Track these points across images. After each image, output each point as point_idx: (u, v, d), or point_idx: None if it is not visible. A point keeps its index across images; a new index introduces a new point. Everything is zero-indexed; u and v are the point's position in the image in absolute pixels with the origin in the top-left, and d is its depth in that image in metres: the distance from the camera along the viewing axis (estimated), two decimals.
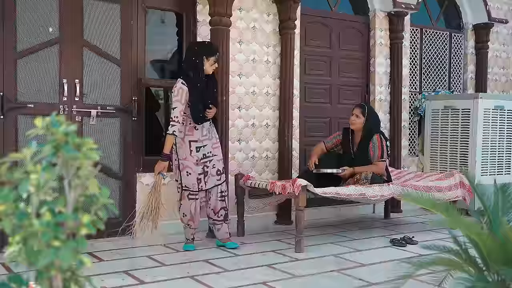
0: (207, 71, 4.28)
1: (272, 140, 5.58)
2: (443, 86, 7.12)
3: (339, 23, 6.18)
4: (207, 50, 4.29)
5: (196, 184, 4.30)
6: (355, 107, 5.09)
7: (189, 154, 4.28)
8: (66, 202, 1.36)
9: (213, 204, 4.41)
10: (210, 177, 4.35)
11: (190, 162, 4.28)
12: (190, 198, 4.32)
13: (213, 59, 4.27)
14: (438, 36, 7.04)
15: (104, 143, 4.66)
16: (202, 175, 4.31)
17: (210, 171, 4.34)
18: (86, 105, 4.57)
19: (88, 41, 4.58)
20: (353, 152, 5.06)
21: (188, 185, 4.30)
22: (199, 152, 4.30)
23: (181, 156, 4.29)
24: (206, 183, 4.34)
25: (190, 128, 4.29)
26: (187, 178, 4.29)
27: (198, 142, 4.30)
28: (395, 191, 4.76)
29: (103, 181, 4.65)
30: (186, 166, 4.29)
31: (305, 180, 4.30)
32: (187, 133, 4.29)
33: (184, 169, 4.29)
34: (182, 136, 4.27)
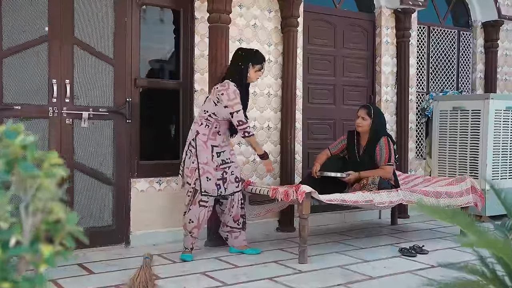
0: (251, 78, 4.23)
1: (274, 143, 5.33)
2: (451, 86, 6.86)
3: (344, 20, 5.93)
4: (253, 57, 4.23)
5: (216, 189, 4.12)
6: (361, 109, 4.84)
7: (211, 159, 4.12)
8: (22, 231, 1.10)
9: (235, 211, 4.28)
10: (229, 183, 4.20)
11: (210, 167, 4.11)
12: (201, 204, 4.11)
13: (258, 67, 4.21)
14: (446, 34, 6.78)
15: (96, 147, 4.41)
16: (221, 181, 4.15)
17: (229, 177, 4.20)
18: (77, 107, 4.32)
19: (79, 39, 4.33)
20: (359, 155, 4.81)
21: (208, 190, 4.11)
22: (219, 158, 4.16)
23: (202, 160, 4.10)
24: (225, 189, 4.18)
25: (214, 133, 4.15)
26: (208, 183, 4.10)
27: (219, 147, 4.17)
28: (403, 197, 4.51)
29: (95, 187, 4.41)
30: (207, 171, 4.10)
31: (309, 187, 4.05)
32: (210, 137, 4.14)
33: (205, 174, 4.10)
34: (205, 140, 4.11)
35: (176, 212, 4.73)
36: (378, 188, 4.47)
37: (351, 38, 5.98)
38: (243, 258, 4.16)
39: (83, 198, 4.35)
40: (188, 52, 4.86)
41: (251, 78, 4.22)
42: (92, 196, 4.40)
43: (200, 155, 4.11)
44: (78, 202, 4.33)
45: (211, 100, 4.15)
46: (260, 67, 4.21)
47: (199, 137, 4.13)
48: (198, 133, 4.15)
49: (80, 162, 4.34)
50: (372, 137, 4.73)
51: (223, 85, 4.11)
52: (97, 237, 4.38)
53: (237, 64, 4.20)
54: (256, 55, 4.25)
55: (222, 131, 4.18)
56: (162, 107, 5.00)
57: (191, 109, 4.86)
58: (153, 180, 4.66)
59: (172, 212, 4.73)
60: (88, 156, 4.37)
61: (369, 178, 4.53)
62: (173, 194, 4.74)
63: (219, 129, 4.16)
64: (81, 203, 4.34)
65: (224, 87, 4.09)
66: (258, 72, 4.22)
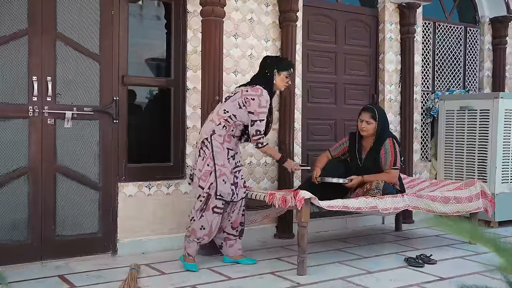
0: (278, 86, 4.05)
1: (272, 144, 5.03)
2: (457, 85, 6.56)
3: (345, 15, 5.63)
4: (279, 63, 4.06)
5: (230, 193, 3.88)
6: (363, 112, 4.51)
7: (227, 162, 3.88)
8: None
9: (234, 217, 4.02)
10: (240, 188, 3.97)
11: (227, 170, 3.87)
12: (215, 211, 3.84)
13: (285, 73, 4.02)
14: (452, 30, 6.48)
15: (81, 149, 4.12)
16: (233, 186, 3.91)
17: (239, 182, 3.98)
18: (59, 106, 4.03)
19: (62, 33, 4.03)
20: (362, 158, 4.51)
21: (223, 194, 3.84)
22: (234, 161, 3.95)
23: (219, 162, 3.85)
24: (237, 195, 3.94)
25: (229, 135, 3.92)
26: (224, 186, 3.84)
27: (233, 150, 3.97)
28: (409, 203, 4.22)
29: (79, 192, 4.11)
30: (223, 174, 3.85)
31: (308, 192, 3.75)
32: (226, 139, 3.90)
33: (221, 176, 3.84)
34: (221, 141, 3.87)
35: (167, 218, 4.45)
36: (382, 194, 4.18)
37: (353, 34, 5.68)
38: (237, 269, 3.87)
39: (66, 203, 4.06)
40: (180, 48, 4.57)
41: (278, 85, 4.03)
42: (76, 202, 4.10)
43: (217, 157, 3.84)
44: (61, 208, 4.04)
45: (235, 101, 3.90)
46: (287, 73, 4.03)
47: (214, 137, 3.86)
48: (214, 133, 3.87)
49: (63, 166, 4.05)
50: (377, 140, 4.44)
51: (255, 90, 3.88)
52: (82, 245, 4.09)
53: (264, 72, 4.02)
54: (283, 62, 4.11)
55: (237, 134, 3.97)
56: (152, 107, 4.70)
57: (183, 108, 4.57)
58: (142, 184, 4.37)
59: (163, 218, 4.44)
60: (72, 159, 4.08)
61: (373, 182, 4.24)
62: (164, 199, 4.45)
63: (235, 132, 3.94)
64: (65, 209, 4.05)
65: (256, 92, 3.87)
66: (285, 79, 4.04)
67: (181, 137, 4.58)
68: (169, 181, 4.49)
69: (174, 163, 4.57)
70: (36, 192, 3.93)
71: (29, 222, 3.91)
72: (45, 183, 3.97)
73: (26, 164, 3.90)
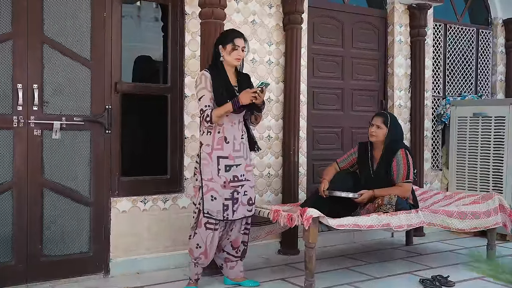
0: (229, 61, 3.56)
1: (275, 154, 4.73)
2: (469, 90, 6.26)
3: (353, 17, 5.33)
4: (222, 37, 3.64)
5: (221, 211, 3.48)
6: (375, 116, 4.25)
7: (216, 174, 3.48)
8: None
9: (234, 236, 3.66)
10: (241, 206, 3.55)
11: (216, 184, 3.48)
12: (208, 227, 3.49)
13: (230, 46, 3.52)
14: (463, 32, 6.18)
15: (70, 162, 3.82)
16: (230, 201, 3.50)
17: (241, 198, 3.55)
18: (47, 116, 3.73)
19: (49, 37, 3.73)
20: (373, 170, 4.21)
21: (211, 212, 3.47)
22: (229, 173, 3.51)
23: (206, 176, 3.48)
24: (234, 212, 3.52)
25: (220, 140, 3.50)
26: (211, 204, 3.47)
27: (228, 159, 3.51)
28: (424, 219, 3.91)
29: (69, 208, 3.81)
30: (211, 189, 3.47)
31: (316, 210, 3.45)
32: (215, 147, 3.49)
33: (208, 192, 3.47)
34: (209, 151, 3.48)
35: (163, 235, 4.15)
36: (395, 209, 3.88)
37: (360, 36, 5.38)
38: None
39: (54, 221, 3.76)
40: (178, 53, 4.27)
41: (228, 61, 3.55)
42: (65, 219, 3.80)
43: (204, 170, 3.50)
44: (49, 226, 3.74)
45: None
46: (232, 45, 3.51)
47: (203, 148, 3.54)
48: (201, 145, 3.57)
49: (51, 180, 3.75)
50: (388, 149, 4.14)
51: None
52: (71, 266, 3.79)
53: (213, 51, 3.64)
54: (224, 34, 3.65)
55: (230, 136, 3.52)
56: (147, 115, 4.38)
57: (181, 117, 4.27)
58: (137, 199, 4.07)
59: (159, 235, 4.14)
60: (60, 173, 3.78)
61: (385, 197, 3.93)
62: (160, 214, 4.15)
63: (225, 134, 3.51)
64: (52, 227, 3.75)
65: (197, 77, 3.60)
66: (233, 52, 3.52)
67: (179, 148, 4.28)
68: (165, 195, 4.19)
69: (171, 175, 4.27)
70: (21, 209, 3.63)
71: (14, 241, 3.61)
72: (31, 199, 3.67)
73: (10, 178, 3.60)
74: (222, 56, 3.55)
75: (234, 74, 3.64)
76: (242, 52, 3.56)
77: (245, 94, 3.42)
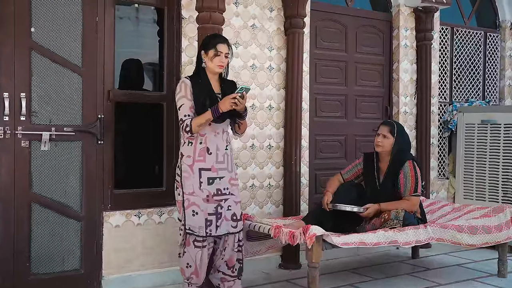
0: (211, 68, 3.35)
1: (276, 164, 4.54)
2: (476, 95, 6.06)
3: (356, 20, 5.13)
4: (204, 43, 3.41)
5: (203, 227, 3.27)
6: (382, 125, 4.06)
7: (198, 188, 3.28)
8: None
9: (228, 255, 3.43)
10: (224, 221, 3.34)
11: (198, 198, 3.28)
12: (196, 245, 3.30)
13: (212, 52, 3.31)
14: (470, 36, 5.98)
15: (60, 174, 3.63)
16: (213, 216, 3.30)
17: (224, 213, 3.34)
18: (35, 126, 3.53)
19: (38, 43, 3.53)
20: (379, 182, 4.02)
21: (193, 228, 3.28)
22: (212, 186, 3.30)
23: (187, 190, 3.29)
24: (217, 228, 3.31)
25: (201, 151, 3.30)
26: (193, 219, 3.27)
27: (211, 171, 3.30)
28: (433, 235, 3.73)
29: (59, 223, 3.62)
30: (192, 203, 3.28)
31: (319, 228, 3.26)
32: (197, 159, 3.29)
33: (190, 207, 3.28)
34: (190, 163, 3.28)
35: (159, 250, 3.96)
36: (403, 225, 3.68)
37: (364, 41, 5.18)
38: None
39: (43, 237, 3.57)
40: (174, 59, 4.07)
41: (210, 68, 3.34)
42: (55, 235, 3.61)
43: (185, 183, 3.31)
44: (37, 242, 3.55)
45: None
46: (214, 51, 3.30)
47: (183, 160, 3.34)
48: (182, 156, 3.37)
49: (40, 194, 3.55)
50: (395, 160, 3.95)
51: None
52: (61, 284, 3.61)
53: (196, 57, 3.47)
54: (206, 40, 3.41)
55: (213, 147, 3.32)
56: (142, 125, 4.18)
57: (177, 126, 4.03)
58: (131, 213, 3.87)
59: (153, 250, 3.95)
60: (49, 186, 3.59)
61: (392, 212, 3.74)
62: (155, 228, 3.96)
63: (207, 145, 3.31)
64: (41, 243, 3.56)
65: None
66: (215, 58, 3.31)
67: (175, 158, 4.07)
68: (161, 208, 3.99)
69: (167, 187, 4.07)
70: (8, 225, 3.44)
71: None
72: (18, 214, 3.47)
73: None
74: (204, 63, 3.36)
75: (218, 81, 3.44)
76: (225, 58, 3.35)
77: (225, 100, 3.22)
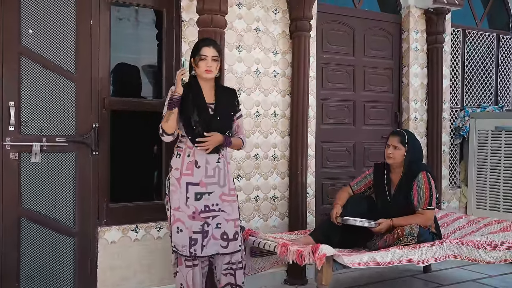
0: (199, 74, 3.13)
1: (281, 175, 4.31)
2: (488, 100, 5.83)
3: (365, 23, 4.90)
4: (193, 48, 3.19)
5: (187, 246, 3.04)
6: (391, 136, 3.82)
7: (184, 203, 3.06)
8: None
9: (218, 275, 3.21)
10: (212, 240, 3.09)
11: (183, 214, 3.06)
12: (188, 264, 3.08)
13: (198, 58, 3.10)
14: (483, 38, 5.75)
15: (52, 187, 3.41)
16: (199, 234, 3.06)
17: (212, 231, 3.09)
18: (25, 137, 3.31)
19: (28, 48, 3.32)
20: (390, 195, 3.79)
21: (177, 246, 3.07)
22: (199, 201, 3.08)
23: (174, 205, 3.08)
24: (203, 248, 3.07)
25: (189, 164, 3.08)
26: (177, 237, 3.07)
27: (199, 186, 3.07)
28: (450, 252, 3.49)
29: (50, 240, 3.40)
30: (178, 220, 3.07)
31: (330, 247, 3.04)
32: (184, 172, 3.07)
33: (175, 223, 3.07)
34: (177, 176, 3.07)
35: (158, 266, 3.74)
36: (417, 241, 3.45)
37: (373, 44, 4.96)
38: None
39: (33, 255, 3.34)
40: (173, 64, 3.84)
41: (199, 74, 3.12)
42: (46, 252, 3.39)
43: (172, 197, 3.11)
44: (27, 260, 3.33)
45: None
46: (199, 56, 3.08)
47: (172, 173, 3.13)
48: (171, 168, 3.16)
49: (30, 209, 3.34)
50: (408, 172, 3.72)
51: None
52: None
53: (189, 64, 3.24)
54: (195, 46, 3.20)
55: (201, 160, 3.08)
56: (139, 134, 3.95)
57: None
58: (128, 228, 3.65)
59: (153, 267, 3.72)
60: (40, 201, 3.37)
61: (406, 227, 3.50)
62: (154, 244, 3.74)
63: (195, 158, 3.08)
64: (31, 262, 3.34)
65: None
66: (201, 63, 3.08)
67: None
68: (160, 223, 3.77)
69: None
70: None
71: None
72: (6, 231, 3.26)
73: None
74: (194, 70, 3.14)
75: (212, 89, 3.19)
76: (213, 62, 3.09)
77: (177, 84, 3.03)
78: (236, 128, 3.26)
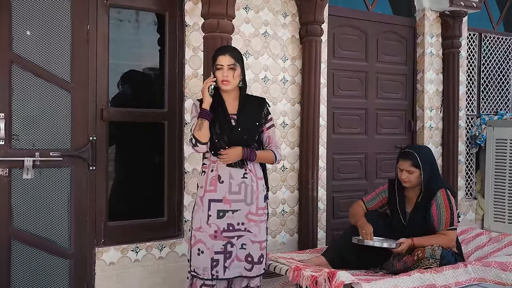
0: (219, 83, 2.88)
1: (291, 188, 4.06)
2: (505, 107, 5.57)
3: (378, 26, 4.65)
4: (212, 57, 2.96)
5: (208, 268, 2.79)
6: (401, 160, 3.46)
7: (206, 222, 2.82)
8: None
9: None
10: (235, 261, 2.84)
11: (205, 235, 2.81)
12: None
13: (216, 66, 2.88)
14: (499, 42, 5.50)
15: (46, 206, 3.16)
16: (221, 255, 2.81)
17: (235, 252, 2.84)
18: (16, 152, 3.07)
19: (19, 55, 3.07)
20: (407, 214, 3.51)
21: (198, 270, 2.82)
22: (222, 219, 2.82)
23: (195, 225, 2.85)
24: (225, 270, 2.82)
25: (213, 179, 2.84)
26: (198, 259, 2.82)
27: (222, 202, 2.82)
28: (475, 275, 3.23)
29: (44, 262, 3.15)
30: (199, 241, 2.82)
31: (348, 274, 2.78)
32: (208, 188, 2.84)
33: (196, 245, 2.83)
34: (201, 194, 2.85)
35: None
36: (440, 264, 3.19)
37: (386, 48, 4.71)
38: None
39: (25, 278, 3.10)
40: (177, 71, 3.61)
41: (218, 83, 2.88)
42: (39, 275, 3.15)
43: (194, 218, 2.88)
44: (18, 285, 3.08)
45: None
46: (215, 67, 2.88)
47: (197, 192, 2.92)
48: (197, 187, 2.95)
49: (21, 229, 3.10)
50: (426, 191, 3.43)
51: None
52: None
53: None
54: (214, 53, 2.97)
55: (225, 175, 2.83)
56: (140, 147, 3.69)
57: (180, 147, 3.60)
58: (127, 248, 3.40)
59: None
60: (33, 220, 3.14)
61: (427, 249, 3.24)
62: (155, 264, 3.49)
63: (219, 172, 2.84)
64: (23, 286, 3.08)
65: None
66: (217, 72, 2.86)
67: (178, 184, 3.61)
68: (162, 241, 3.53)
69: (168, 217, 3.60)
70: None
71: None
72: None
73: None
74: (215, 82, 2.88)
75: (236, 99, 2.93)
76: (229, 71, 2.84)
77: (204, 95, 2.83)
78: (267, 140, 2.98)
